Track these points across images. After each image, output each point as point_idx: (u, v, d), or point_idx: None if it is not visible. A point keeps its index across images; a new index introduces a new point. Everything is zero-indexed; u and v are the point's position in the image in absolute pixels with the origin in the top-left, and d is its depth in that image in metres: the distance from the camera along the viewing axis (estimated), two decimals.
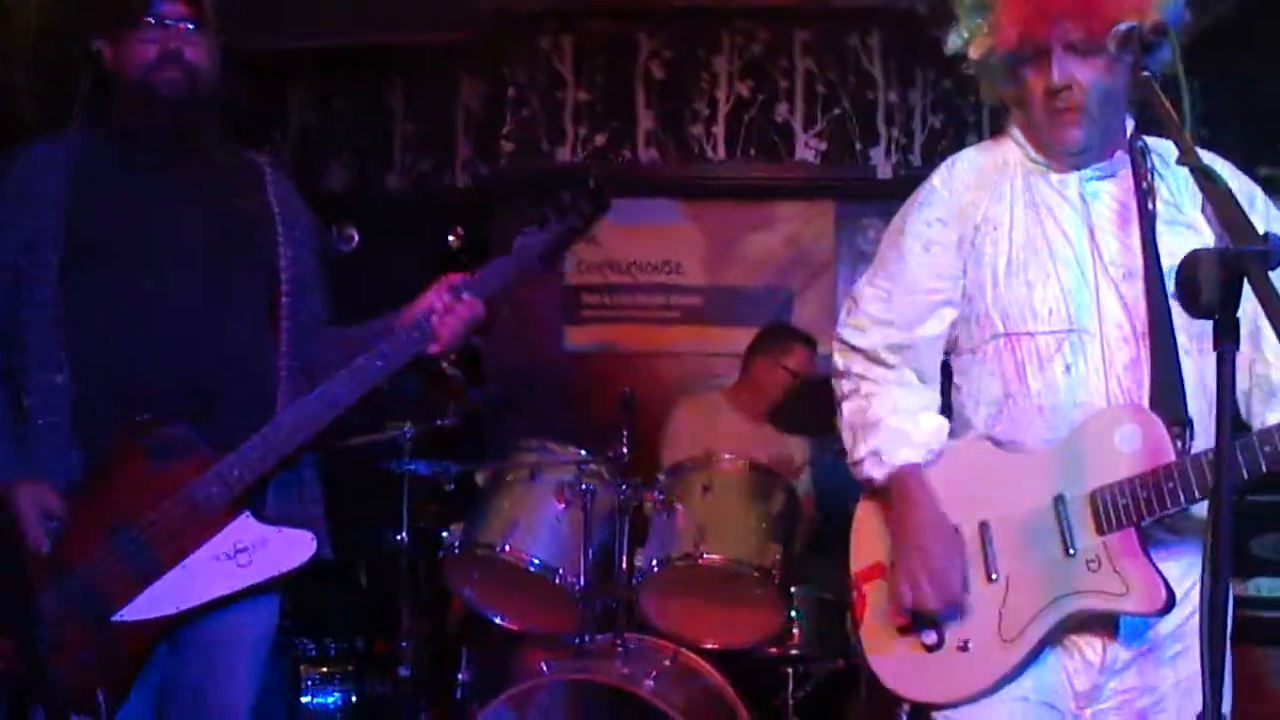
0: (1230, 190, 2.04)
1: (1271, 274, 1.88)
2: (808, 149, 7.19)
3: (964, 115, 7.13)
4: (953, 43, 2.86)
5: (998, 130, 3.02)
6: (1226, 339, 1.88)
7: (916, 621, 2.88)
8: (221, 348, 3.12)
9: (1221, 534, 1.90)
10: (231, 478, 2.98)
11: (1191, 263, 1.89)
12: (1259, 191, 2.87)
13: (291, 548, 3.06)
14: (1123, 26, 2.52)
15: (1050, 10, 2.62)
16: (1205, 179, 2.08)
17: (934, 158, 7.02)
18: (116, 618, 2.92)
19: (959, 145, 6.85)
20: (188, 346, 3.07)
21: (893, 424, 2.93)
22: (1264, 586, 5.29)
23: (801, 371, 6.10)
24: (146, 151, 3.17)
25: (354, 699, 5.54)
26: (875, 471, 2.93)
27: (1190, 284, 1.90)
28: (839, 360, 3.10)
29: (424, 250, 6.99)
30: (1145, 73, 2.45)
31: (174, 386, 3.03)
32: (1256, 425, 2.78)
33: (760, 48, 7.23)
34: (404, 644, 5.26)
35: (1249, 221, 1.94)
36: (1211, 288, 1.86)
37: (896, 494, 2.91)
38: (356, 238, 6.54)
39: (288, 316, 3.23)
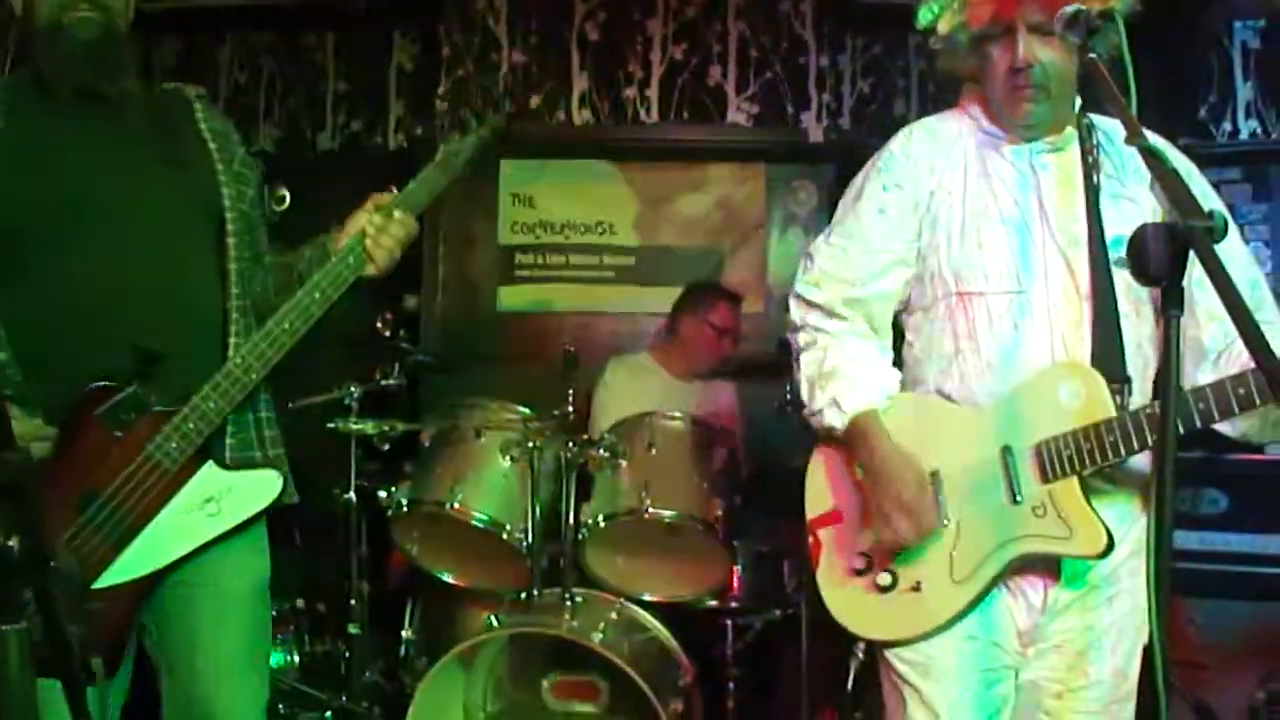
0: (1176, 169, 2.15)
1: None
2: (740, 112, 7.21)
3: (893, 80, 7.19)
4: (924, 17, 2.98)
5: (926, 95, 3.15)
6: (1173, 307, 2.01)
7: (871, 564, 3.01)
8: (171, 299, 3.05)
9: (1167, 483, 2.01)
10: (188, 430, 2.93)
11: (1142, 236, 2.02)
12: (1194, 168, 3.02)
13: (258, 487, 3.04)
14: (1069, 9, 2.63)
15: None
16: (1152, 158, 2.19)
17: (863, 122, 7.15)
18: (99, 585, 2.89)
19: (887, 110, 7.05)
20: (136, 303, 2.99)
21: (849, 371, 3.04)
22: (1179, 539, 5.41)
23: (727, 327, 6.18)
24: (67, 99, 3.03)
25: (298, 659, 5.50)
26: (835, 419, 3.03)
27: (1140, 255, 2.02)
28: (795, 314, 3.20)
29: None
30: (1091, 55, 2.55)
31: (122, 348, 2.94)
32: (1187, 384, 2.91)
33: (694, 11, 7.24)
34: (352, 602, 5.30)
35: (1194, 198, 2.05)
36: (1160, 259, 1.99)
37: (858, 438, 3.01)
38: (288, 198, 6.56)
39: (235, 258, 3.14)
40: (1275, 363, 1.85)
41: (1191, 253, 2.03)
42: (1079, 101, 3.02)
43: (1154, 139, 2.90)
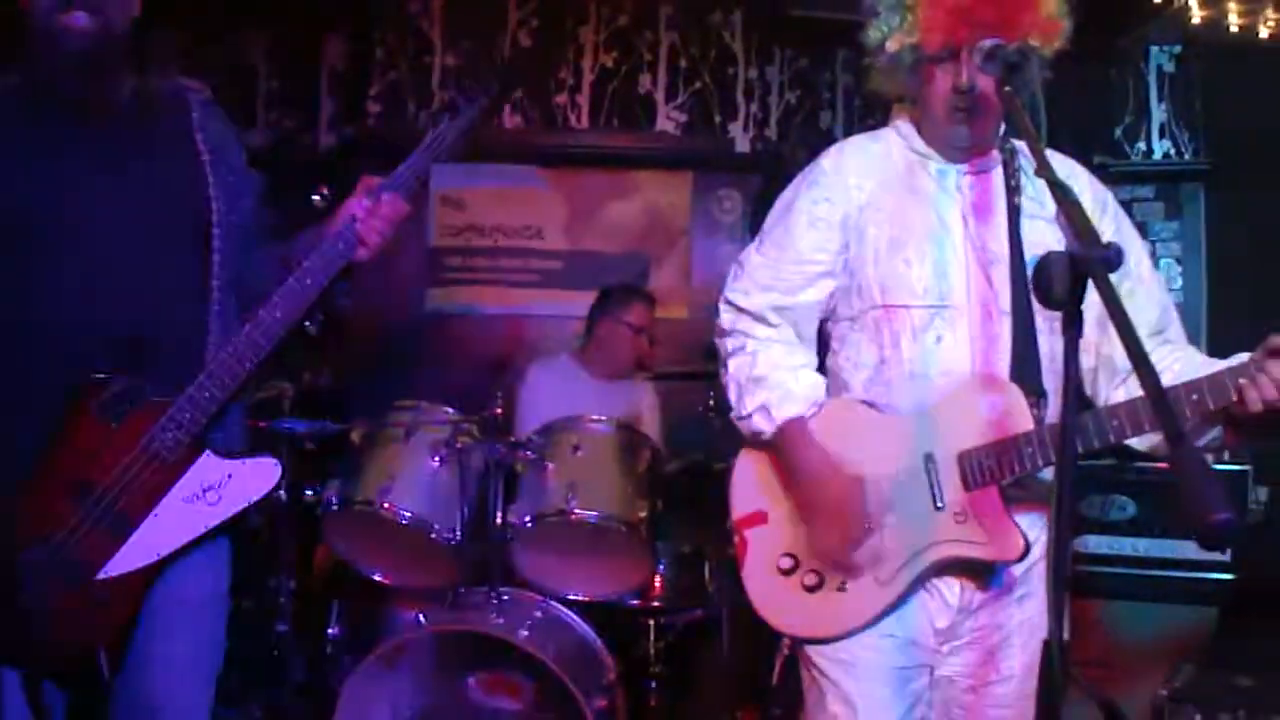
0: (1079, 201, 2.25)
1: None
2: (668, 120, 7.34)
3: (820, 93, 7.31)
4: (873, 35, 3.06)
5: (852, 108, 3.23)
6: (1072, 329, 2.11)
7: (797, 564, 3.09)
8: (154, 303, 3.01)
9: (1066, 494, 2.14)
10: (185, 420, 2.91)
11: (1045, 263, 2.12)
12: (1110, 196, 3.21)
13: (258, 475, 3.01)
14: (986, 44, 2.76)
15: (972, 20, 2.84)
16: (1057, 190, 2.28)
17: (789, 133, 7.26)
18: (102, 575, 2.86)
19: (813, 122, 7.16)
20: (119, 305, 2.96)
21: (778, 379, 3.13)
22: (1089, 543, 5.57)
23: (642, 325, 6.24)
24: (56, 106, 2.99)
25: (224, 657, 5.47)
26: (764, 425, 3.12)
27: (1044, 280, 2.12)
28: (725, 319, 3.29)
29: (288, 209, 7.07)
30: (1007, 89, 2.67)
31: (110, 344, 2.93)
32: (1101, 400, 3.08)
33: (625, 20, 7.35)
34: (280, 600, 5.33)
35: (1094, 230, 2.15)
36: (1062, 285, 2.08)
37: (787, 445, 3.10)
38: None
39: (220, 268, 3.09)
40: (1158, 391, 1.96)
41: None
42: (1004, 127, 3.13)
43: (1076, 169, 3.15)
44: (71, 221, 2.95)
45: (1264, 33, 6.19)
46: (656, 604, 5.31)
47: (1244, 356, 2.78)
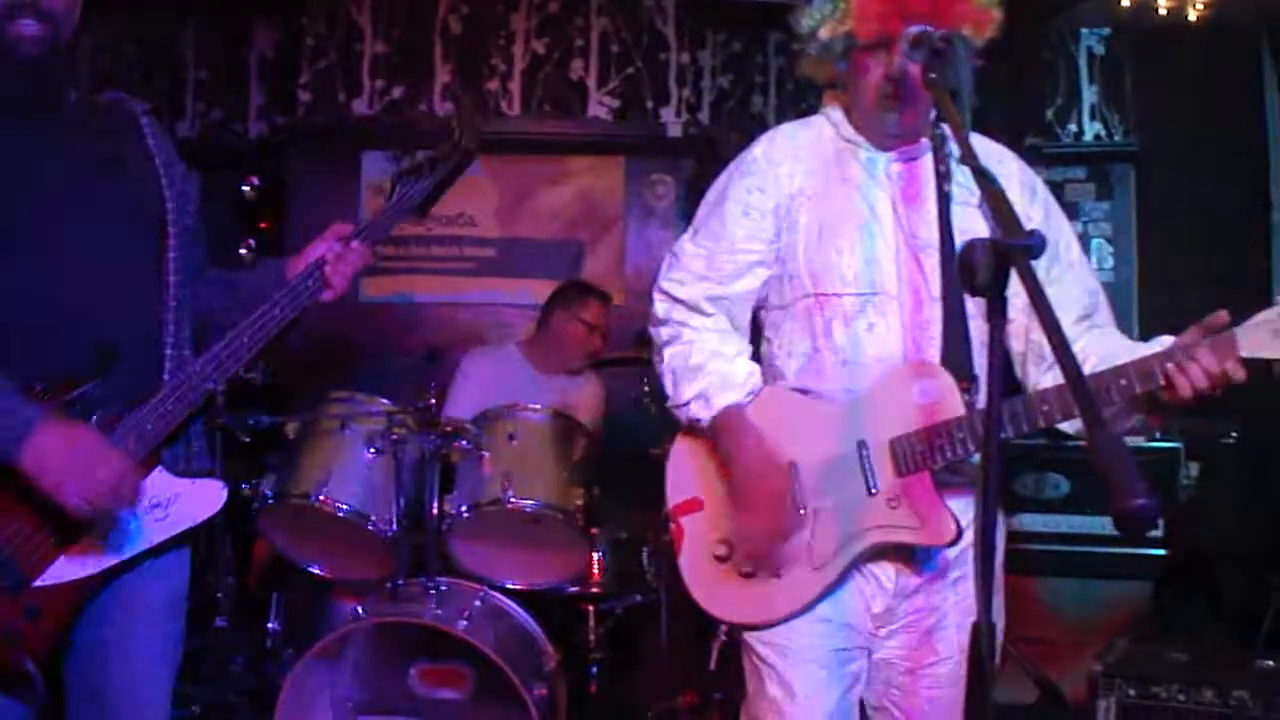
0: (1002, 188, 2.27)
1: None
2: (601, 106, 7.32)
3: (751, 78, 7.33)
4: (806, 23, 3.07)
5: (784, 92, 3.24)
6: (996, 316, 2.10)
7: (733, 551, 3.09)
8: (112, 301, 2.96)
9: (991, 480, 2.14)
10: (145, 432, 2.87)
11: (969, 250, 2.12)
12: (1039, 181, 3.22)
13: (204, 497, 2.98)
14: (913, 30, 2.77)
15: (905, 10, 2.84)
16: (981, 178, 2.30)
17: (722, 118, 7.26)
18: (39, 583, 2.79)
19: (745, 106, 7.18)
20: (79, 305, 2.91)
21: (715, 367, 3.13)
22: (1025, 521, 5.63)
23: (597, 324, 6.25)
24: (10, 113, 2.90)
25: None
26: (702, 413, 3.11)
27: (967, 267, 2.12)
28: (660, 309, 3.28)
29: (218, 199, 7.02)
30: (932, 75, 2.66)
31: (78, 348, 2.86)
32: (1030, 384, 3.12)
33: (557, 6, 7.33)
34: (218, 595, 5.30)
35: (1017, 217, 2.16)
36: (985, 272, 2.09)
37: (723, 433, 3.09)
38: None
39: (175, 271, 3.06)
40: (1077, 378, 1.98)
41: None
42: (934, 114, 3.13)
43: (1005, 154, 3.19)
44: (39, 225, 2.90)
45: (1192, 15, 6.26)
46: (595, 590, 5.32)
47: (1168, 340, 2.82)
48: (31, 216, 2.90)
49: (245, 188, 7.06)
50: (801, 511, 3.02)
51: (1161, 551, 5.50)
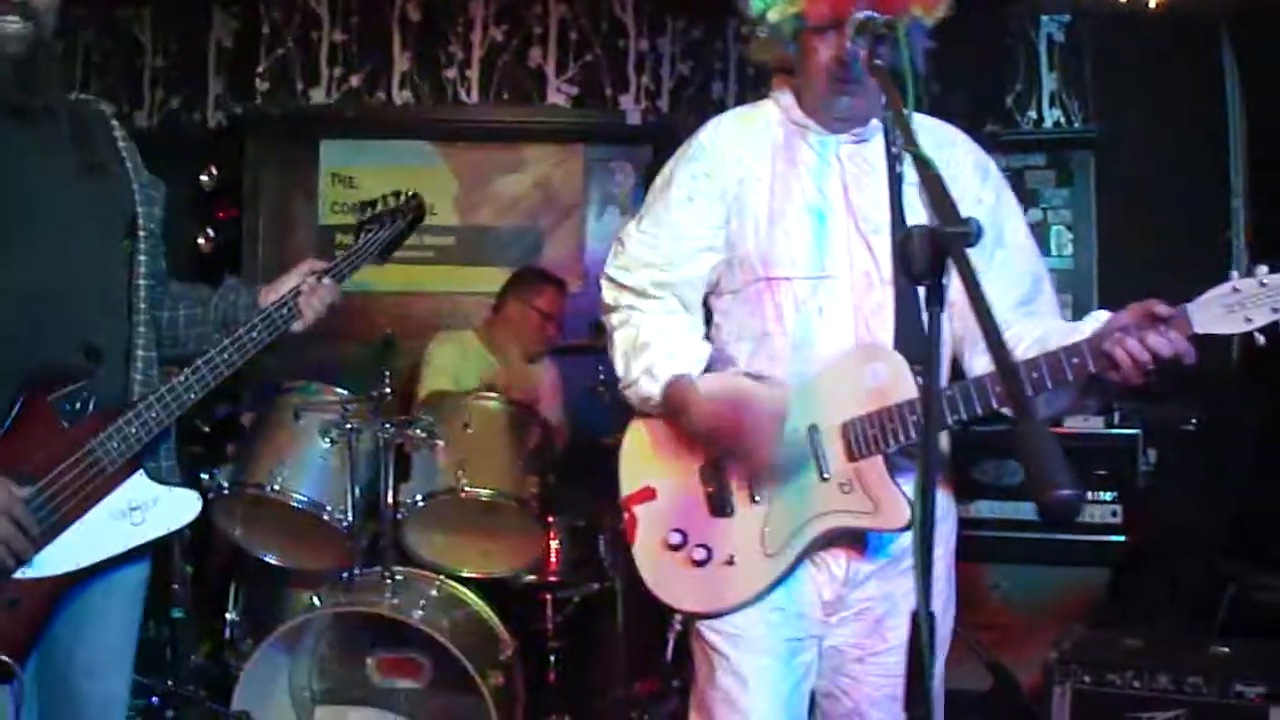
0: (940, 175, 2.26)
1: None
2: (559, 94, 7.29)
3: (711, 64, 7.31)
4: (755, 5, 3.03)
5: (744, 79, 3.23)
6: (934, 303, 2.11)
7: (686, 539, 3.07)
8: (100, 307, 3.02)
9: (930, 465, 2.15)
10: (131, 435, 2.91)
11: (906, 238, 2.12)
12: (992, 165, 3.20)
13: (180, 506, 3.04)
14: (860, 15, 2.75)
15: None
16: (920, 164, 2.31)
17: (681, 105, 7.25)
18: (19, 575, 2.82)
19: (705, 93, 7.16)
20: (73, 308, 2.95)
21: (663, 344, 3.11)
22: (983, 509, 5.63)
23: (552, 312, 6.27)
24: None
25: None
26: (650, 387, 3.09)
27: (906, 255, 2.13)
28: (608, 296, 3.28)
29: (177, 188, 6.98)
30: (877, 60, 2.66)
31: (65, 349, 2.91)
32: (966, 366, 3.10)
33: None
34: (174, 586, 5.24)
35: (954, 205, 2.16)
36: (923, 259, 2.09)
37: (675, 403, 3.05)
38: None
39: (145, 275, 3.09)
40: (1008, 366, 1.98)
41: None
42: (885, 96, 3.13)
43: (957, 137, 3.21)
44: (26, 225, 2.91)
45: (1152, 2, 6.27)
46: (553, 579, 5.33)
47: (1103, 314, 2.84)
48: (18, 217, 2.91)
49: (204, 177, 7.04)
50: (756, 499, 3.02)
51: (1120, 538, 5.51)
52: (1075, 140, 7.21)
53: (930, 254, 2.09)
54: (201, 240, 7.00)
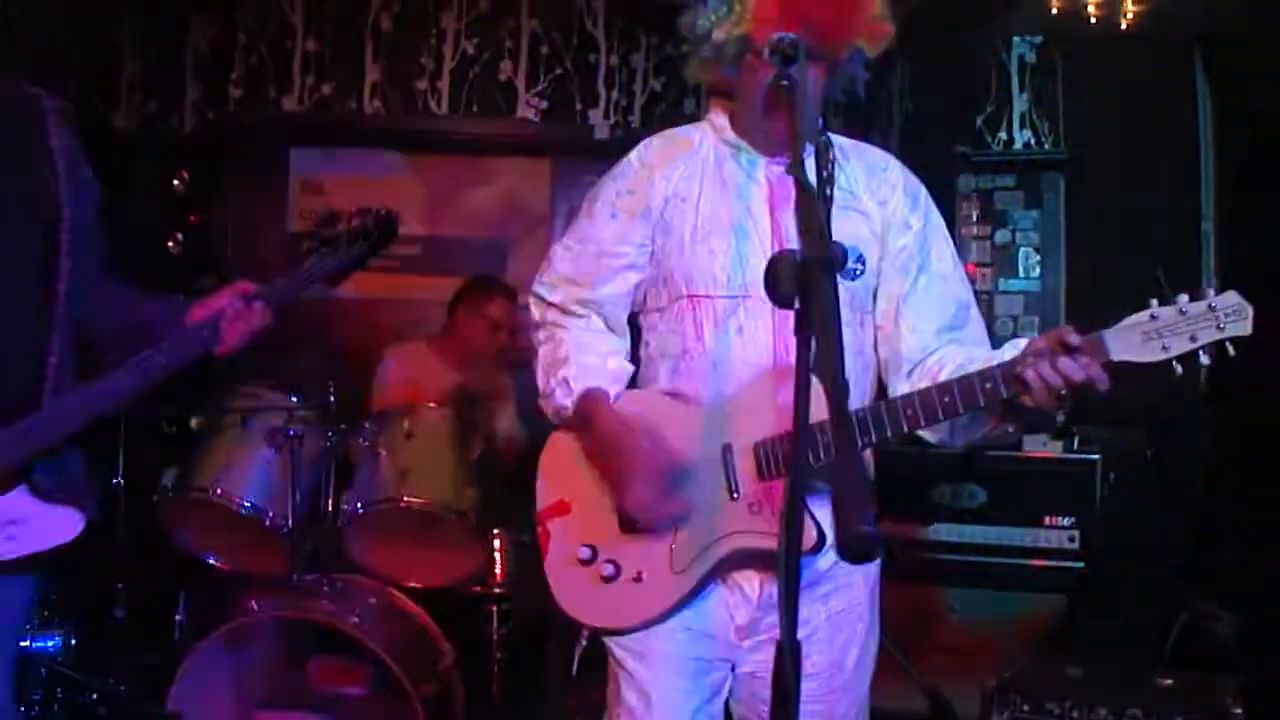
0: (816, 202, 2.28)
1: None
2: (529, 107, 7.33)
3: (684, 81, 7.30)
4: (700, 25, 3.03)
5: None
6: (802, 329, 2.13)
7: (595, 555, 3.07)
8: (7, 302, 2.94)
9: (797, 494, 2.15)
10: (14, 450, 2.86)
11: (774, 263, 2.15)
12: (923, 191, 3.21)
13: (59, 525, 2.94)
14: (775, 37, 2.73)
15: (804, 17, 2.84)
16: (799, 188, 2.33)
17: (653, 120, 7.27)
18: None
19: (678, 108, 7.19)
20: None
21: (580, 358, 3.12)
22: (942, 531, 5.63)
23: (502, 320, 6.25)
24: None
25: (74, 642, 5.43)
26: (564, 399, 3.10)
27: (772, 280, 2.15)
28: (534, 313, 3.28)
29: (151, 191, 7.01)
30: (785, 82, 2.65)
31: None
32: (891, 392, 3.10)
33: (487, 6, 7.34)
34: (119, 586, 5.27)
35: (823, 230, 2.20)
36: (790, 284, 2.10)
37: (586, 414, 3.07)
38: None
39: (67, 279, 3.00)
40: (840, 403, 2.00)
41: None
42: (820, 120, 3.12)
43: (890, 162, 3.23)
44: None
45: (1123, 24, 6.27)
46: (498, 591, 5.31)
47: (1022, 342, 2.83)
48: None
49: (175, 181, 7.06)
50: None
51: (1078, 564, 5.50)
52: (1045, 162, 7.20)
53: (797, 279, 2.10)
54: (171, 244, 7.02)
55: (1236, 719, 3.92)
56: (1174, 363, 2.64)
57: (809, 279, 2.09)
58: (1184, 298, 2.64)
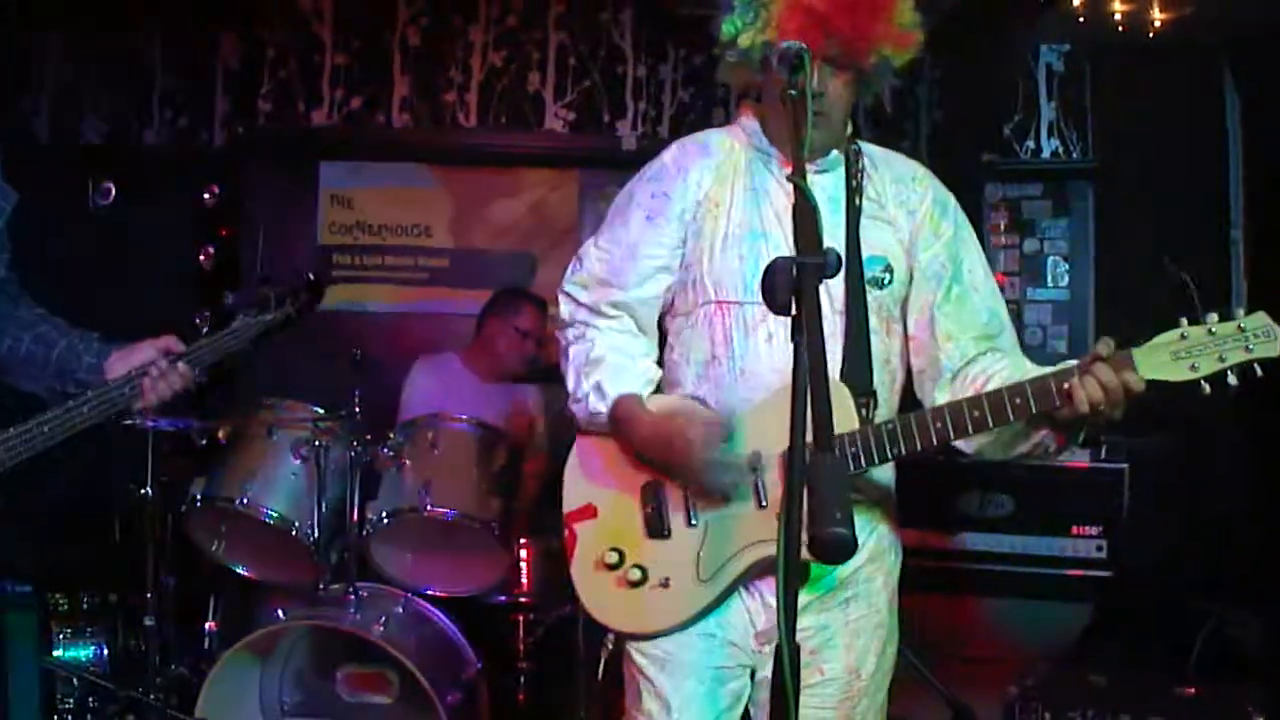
0: (813, 209, 2.29)
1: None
2: (557, 119, 7.35)
3: (713, 90, 7.34)
4: (727, 29, 3.05)
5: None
6: (798, 334, 2.14)
7: (622, 559, 3.09)
8: None
9: (795, 501, 2.10)
10: None
11: (770, 270, 2.16)
12: (953, 200, 3.22)
13: None
14: (783, 44, 2.69)
15: (826, 26, 2.87)
16: (799, 196, 2.34)
17: (681, 130, 7.25)
18: None
19: (706, 119, 7.20)
20: None
21: (614, 360, 3.13)
22: (969, 540, 5.62)
23: (532, 330, 6.29)
24: None
25: (107, 652, 5.52)
26: (598, 404, 3.11)
27: (768, 286, 2.16)
28: (565, 311, 3.28)
29: (182, 206, 7.07)
30: (793, 91, 2.61)
31: None
32: (928, 401, 3.12)
33: (515, 19, 7.36)
34: (150, 595, 5.29)
35: (817, 237, 2.22)
36: (785, 291, 2.12)
37: (623, 421, 3.08)
38: (114, 192, 6.51)
39: None
40: (825, 404, 2.01)
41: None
42: (850, 129, 3.16)
43: (919, 172, 3.24)
44: None
45: (1152, 32, 6.26)
46: (524, 600, 5.38)
47: (1072, 363, 2.83)
48: None
49: (205, 195, 7.11)
50: (694, 523, 3.03)
51: (1104, 573, 5.48)
52: (1073, 171, 7.20)
53: (792, 285, 2.12)
54: (202, 258, 7.06)
55: None
56: (1202, 381, 2.68)
57: (804, 285, 2.09)
58: (1213, 317, 2.67)
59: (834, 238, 3.01)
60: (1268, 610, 5.15)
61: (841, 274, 2.97)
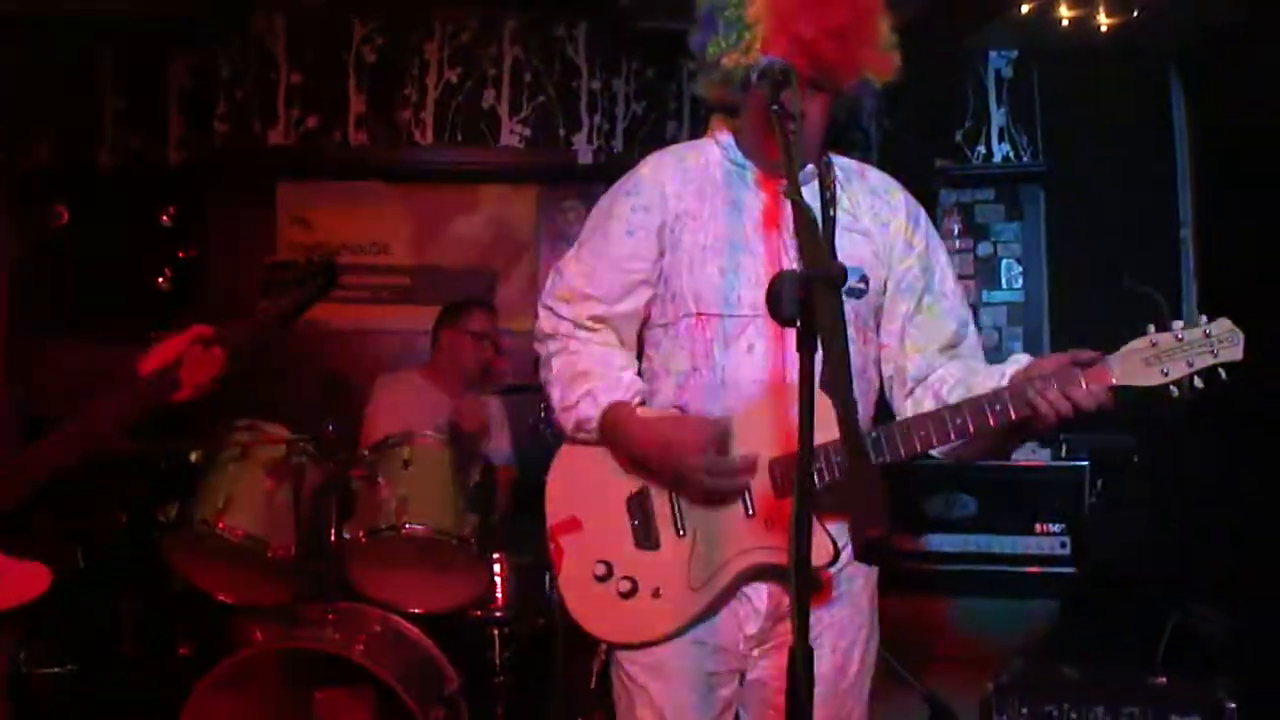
0: (816, 222, 2.33)
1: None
2: (513, 134, 7.40)
3: (665, 104, 7.39)
4: (710, 51, 3.06)
5: (699, 117, 3.30)
6: (804, 345, 2.18)
7: (611, 571, 3.12)
8: None
9: (804, 509, 2.20)
10: None
11: (777, 280, 2.20)
12: (923, 213, 3.28)
13: (29, 579, 2.96)
14: (763, 61, 2.79)
15: (812, 53, 2.89)
16: (798, 210, 2.38)
17: (635, 143, 7.31)
18: None
19: (660, 131, 7.23)
20: None
21: (603, 371, 3.16)
22: (934, 542, 5.68)
23: (486, 331, 6.31)
24: None
25: (80, 676, 5.45)
26: (590, 411, 3.13)
27: (775, 298, 2.20)
28: (545, 324, 3.30)
29: (137, 227, 7.03)
30: (775, 108, 2.68)
31: None
32: (895, 407, 3.19)
33: (469, 36, 7.40)
34: (123, 620, 5.27)
35: (823, 251, 2.25)
36: (791, 302, 2.16)
37: (615, 428, 3.11)
38: (65, 216, 6.47)
39: None
40: (846, 414, 2.04)
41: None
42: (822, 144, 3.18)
43: (891, 185, 3.28)
44: None
45: (1100, 37, 6.33)
46: (499, 614, 5.36)
47: (1024, 358, 2.92)
48: None
49: (163, 216, 7.08)
50: (682, 533, 3.06)
51: (1069, 570, 5.55)
52: (1024, 175, 7.30)
53: (798, 298, 2.15)
54: (160, 279, 7.03)
55: (1231, 714, 3.98)
56: (1171, 386, 2.74)
57: (811, 297, 2.13)
58: (1179, 324, 2.73)
59: None
60: (1233, 606, 5.22)
61: None
